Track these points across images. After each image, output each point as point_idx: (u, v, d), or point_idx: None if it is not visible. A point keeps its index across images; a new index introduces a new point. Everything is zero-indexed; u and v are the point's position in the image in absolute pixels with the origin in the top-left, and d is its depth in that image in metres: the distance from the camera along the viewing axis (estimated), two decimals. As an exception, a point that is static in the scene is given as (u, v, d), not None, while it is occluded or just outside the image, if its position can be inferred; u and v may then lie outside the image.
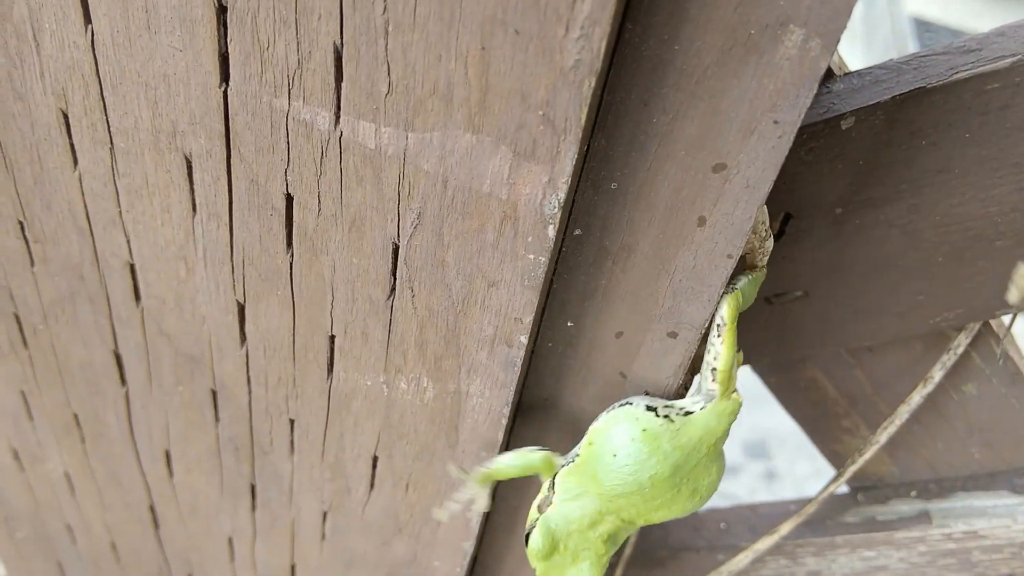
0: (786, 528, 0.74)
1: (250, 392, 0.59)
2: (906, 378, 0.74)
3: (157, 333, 0.57)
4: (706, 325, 0.47)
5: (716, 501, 0.96)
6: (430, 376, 0.52)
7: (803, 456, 2.66)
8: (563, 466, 0.51)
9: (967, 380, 0.74)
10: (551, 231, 0.42)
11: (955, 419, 0.77)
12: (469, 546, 0.62)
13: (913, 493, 0.84)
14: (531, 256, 0.44)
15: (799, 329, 0.67)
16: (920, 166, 0.55)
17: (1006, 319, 0.67)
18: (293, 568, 0.74)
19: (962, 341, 0.67)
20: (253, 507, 0.69)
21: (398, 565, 0.67)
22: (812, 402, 0.80)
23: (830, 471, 0.92)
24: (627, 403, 0.50)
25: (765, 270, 0.52)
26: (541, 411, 0.57)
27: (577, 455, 0.50)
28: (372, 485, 0.61)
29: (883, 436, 0.71)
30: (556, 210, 0.42)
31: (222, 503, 0.70)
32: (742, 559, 0.76)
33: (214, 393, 0.60)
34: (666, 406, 0.49)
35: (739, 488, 2.57)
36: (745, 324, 0.69)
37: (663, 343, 0.49)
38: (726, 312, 0.47)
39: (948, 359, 0.68)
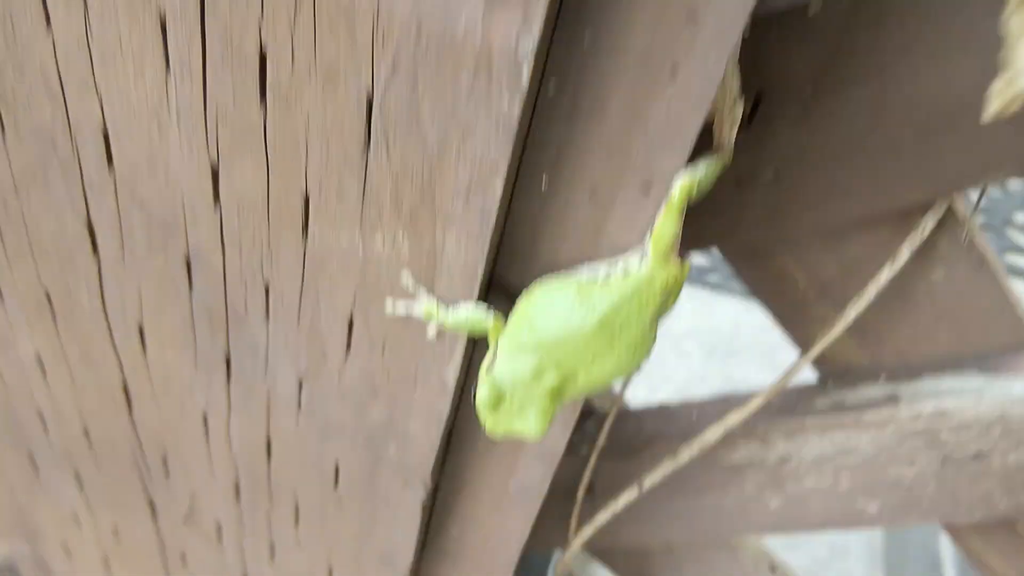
0: (755, 404, 0.77)
1: (224, 257, 0.59)
2: (874, 264, 0.77)
3: (130, 200, 0.58)
4: (677, 174, 0.49)
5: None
6: (405, 231, 0.53)
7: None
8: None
9: (934, 266, 0.77)
10: (525, 74, 0.43)
11: (923, 305, 0.80)
12: (444, 406, 0.64)
13: (882, 378, 0.87)
14: (505, 101, 0.45)
15: (769, 213, 0.69)
16: (887, 46, 0.57)
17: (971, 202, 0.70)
18: (269, 442, 0.75)
19: (928, 222, 0.69)
20: (228, 380, 0.70)
21: (375, 429, 0.69)
22: (783, 292, 0.82)
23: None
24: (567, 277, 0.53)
25: (729, 155, 0.53)
26: (516, 272, 0.58)
27: (517, 307, 0.54)
28: (348, 349, 0.63)
29: (851, 313, 0.73)
30: (530, 52, 0.42)
31: (196, 378, 0.71)
32: (713, 432, 0.80)
33: (188, 260, 0.61)
34: (608, 271, 0.52)
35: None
36: (716, 208, 0.71)
37: (636, 200, 0.51)
38: (677, 189, 0.49)
39: (915, 238, 0.70)
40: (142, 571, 1.05)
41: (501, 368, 0.53)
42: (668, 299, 0.54)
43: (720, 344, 3.17)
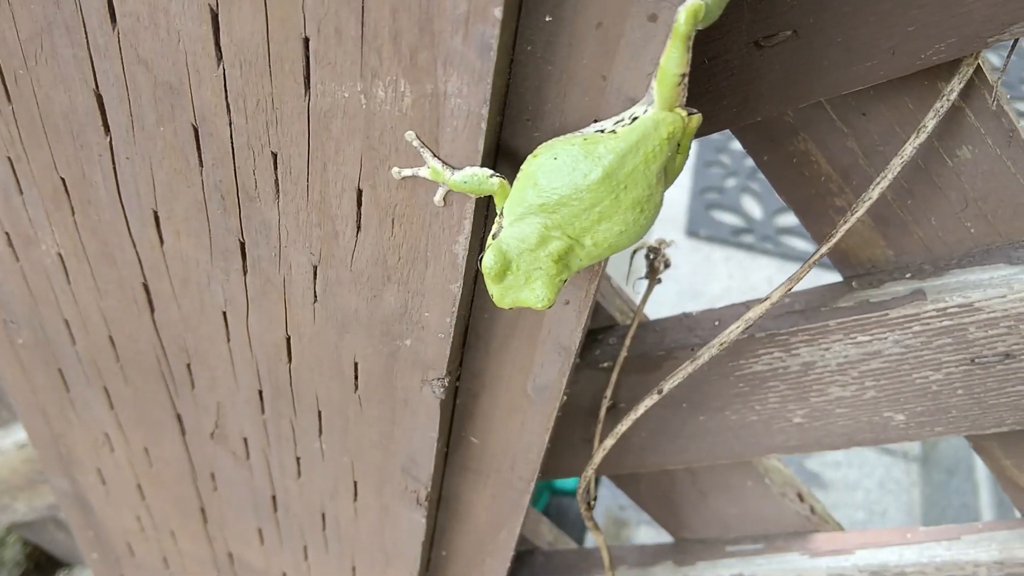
0: (777, 294, 0.74)
1: (231, 123, 0.58)
2: (898, 143, 0.74)
3: (135, 61, 0.57)
4: (684, -1, 0.46)
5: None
6: (406, 76, 0.51)
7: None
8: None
9: (961, 143, 0.73)
10: None
11: (949, 189, 0.76)
12: (456, 288, 0.63)
13: (908, 275, 0.84)
14: (501, -89, 0.43)
15: (787, 77, 0.66)
16: None
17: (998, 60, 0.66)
18: (288, 341, 0.74)
19: (955, 86, 0.66)
20: (244, 270, 0.69)
21: (390, 320, 0.67)
22: (805, 179, 0.79)
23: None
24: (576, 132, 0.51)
25: None
26: (522, 136, 0.56)
27: (520, 169, 0.52)
28: (359, 226, 0.61)
29: (875, 192, 0.70)
30: None
31: (213, 269, 0.70)
32: (733, 329, 0.77)
33: (196, 129, 0.60)
34: (616, 123, 0.50)
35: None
36: (731, 80, 0.68)
37: (643, 30, 0.48)
38: (683, 13, 0.46)
39: (941, 106, 0.67)
40: (175, 496, 1.06)
41: (506, 234, 0.52)
42: (675, 156, 0.52)
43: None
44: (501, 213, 0.54)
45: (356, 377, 0.74)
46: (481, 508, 0.92)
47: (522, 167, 0.53)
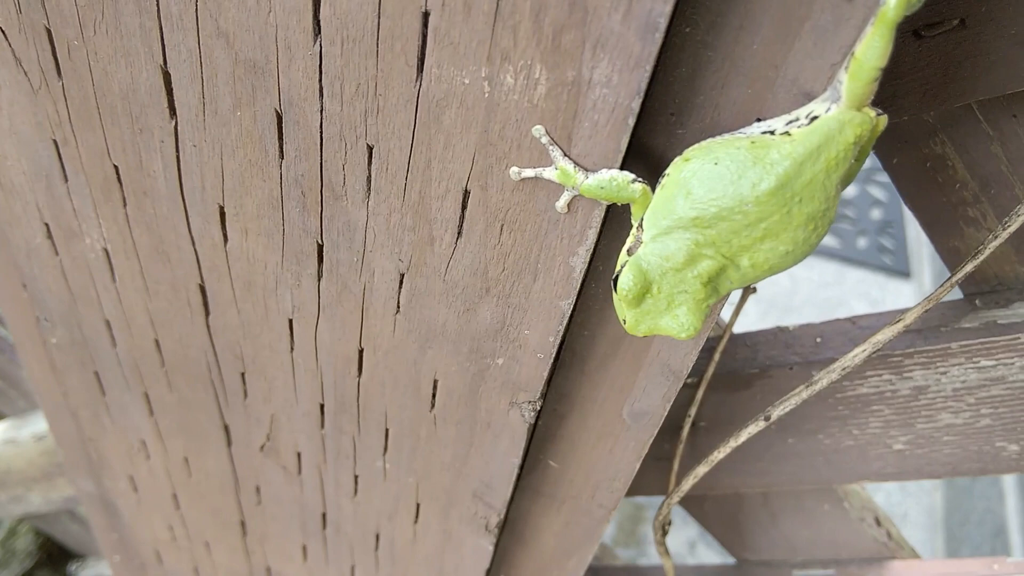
0: (910, 316, 0.66)
1: (322, 110, 0.50)
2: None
3: (214, 34, 0.49)
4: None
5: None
6: (544, 62, 0.43)
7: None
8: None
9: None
10: None
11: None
12: (567, 305, 0.55)
13: (1039, 296, 0.76)
14: None
15: (949, 71, 0.58)
16: None
17: None
18: (361, 354, 0.66)
19: None
20: (319, 274, 0.61)
21: (483, 337, 0.59)
22: (937, 185, 0.71)
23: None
24: (737, 132, 0.43)
25: None
26: (665, 135, 0.48)
27: (667, 175, 0.44)
28: (460, 232, 0.53)
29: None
30: None
31: (283, 273, 0.62)
32: (859, 352, 0.68)
33: (279, 116, 0.52)
34: (788, 123, 0.42)
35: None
36: (887, 69, 0.60)
37: (835, 11, 0.40)
38: None
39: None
40: (213, 507, 0.98)
41: (648, 251, 0.44)
42: (855, 163, 0.44)
43: (777, 301, 3.04)
44: (640, 225, 0.45)
45: (434, 395, 0.67)
46: (551, 534, 0.84)
47: (669, 172, 0.45)
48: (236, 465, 0.88)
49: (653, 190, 0.46)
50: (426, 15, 0.43)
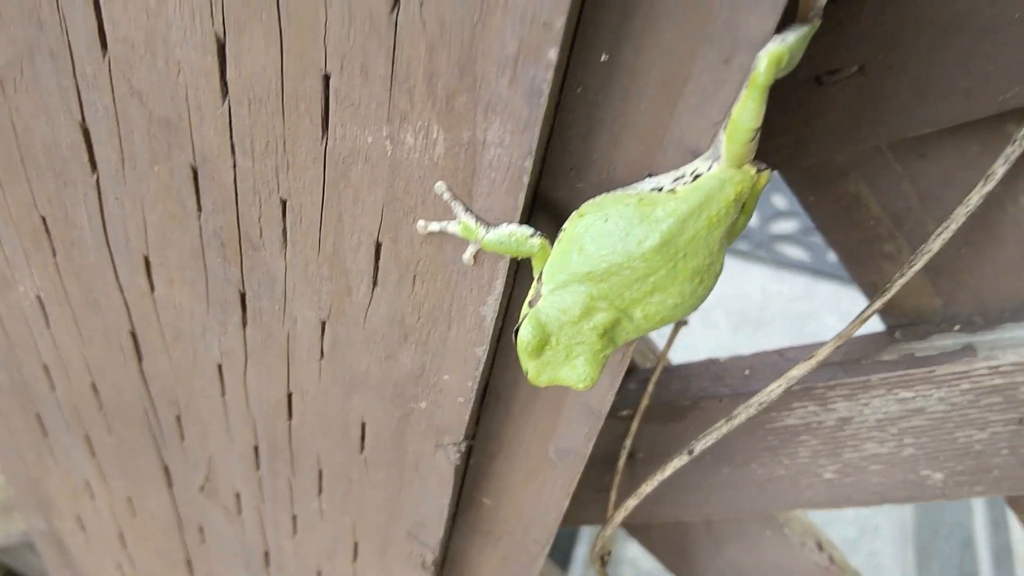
0: (823, 353, 0.68)
1: (235, 165, 0.52)
2: (957, 187, 0.68)
3: (128, 93, 0.50)
4: (764, 42, 0.40)
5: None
6: (440, 122, 0.44)
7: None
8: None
9: (1022, 191, 0.68)
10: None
11: (1009, 239, 0.71)
12: (481, 352, 0.56)
13: (956, 327, 0.78)
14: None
15: (852, 116, 0.60)
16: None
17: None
18: (290, 397, 0.67)
19: (1024, 134, 0.60)
20: (244, 322, 0.62)
21: (404, 382, 0.61)
22: (853, 223, 0.73)
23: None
24: (629, 187, 0.45)
25: (819, 22, 0.44)
26: (565, 188, 0.50)
27: (564, 229, 0.46)
28: (375, 282, 0.55)
29: (936, 243, 0.64)
30: None
31: (209, 320, 0.64)
32: (775, 388, 0.70)
33: (195, 171, 0.53)
34: (675, 180, 0.44)
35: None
36: (790, 114, 0.62)
37: (714, 74, 0.42)
38: (764, 62, 0.40)
39: (1012, 151, 0.61)
40: (159, 546, 0.98)
41: (546, 303, 0.46)
42: (740, 217, 0.46)
43: (749, 314, 3.07)
44: (539, 278, 0.47)
45: (363, 438, 0.68)
46: (489, 571, 0.85)
47: (566, 227, 0.46)
48: (178, 505, 0.89)
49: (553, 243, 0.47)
50: (327, 77, 0.45)
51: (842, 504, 0.91)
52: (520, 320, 0.47)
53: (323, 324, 0.59)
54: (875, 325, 0.83)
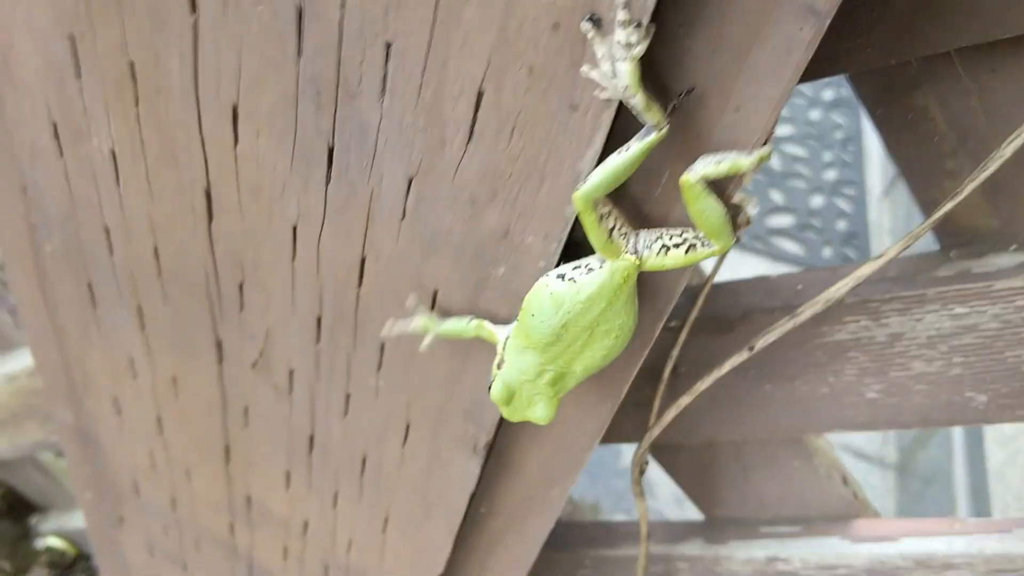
0: (886, 257, 0.69)
1: (343, 4, 0.52)
2: (1024, 113, 0.68)
3: (244, -80, 0.50)
4: None
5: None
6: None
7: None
8: (506, 336, 0.61)
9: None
10: None
11: (1073, 157, 0.71)
12: (571, 213, 0.57)
13: (1013, 247, 0.79)
14: None
15: (910, 20, 0.60)
16: None
17: None
18: (363, 262, 0.68)
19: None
20: (327, 179, 0.63)
21: (487, 243, 0.61)
22: (919, 137, 0.74)
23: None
24: (546, 275, 0.57)
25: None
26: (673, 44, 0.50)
27: (516, 320, 0.59)
28: (471, 133, 0.55)
29: (1008, 150, 0.64)
30: None
31: (291, 177, 0.64)
32: (841, 287, 0.71)
33: (300, 11, 0.53)
34: (574, 268, 0.56)
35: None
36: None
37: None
38: (578, 199, 0.52)
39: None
40: (197, 432, 0.99)
41: (509, 367, 0.59)
42: (632, 286, 0.57)
43: None
44: (503, 347, 0.61)
45: (433, 307, 0.68)
46: (535, 464, 0.86)
47: (520, 314, 0.58)
48: (225, 384, 0.90)
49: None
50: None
51: (882, 425, 0.92)
52: (491, 380, 0.60)
53: (410, 181, 0.60)
54: (930, 244, 0.84)
